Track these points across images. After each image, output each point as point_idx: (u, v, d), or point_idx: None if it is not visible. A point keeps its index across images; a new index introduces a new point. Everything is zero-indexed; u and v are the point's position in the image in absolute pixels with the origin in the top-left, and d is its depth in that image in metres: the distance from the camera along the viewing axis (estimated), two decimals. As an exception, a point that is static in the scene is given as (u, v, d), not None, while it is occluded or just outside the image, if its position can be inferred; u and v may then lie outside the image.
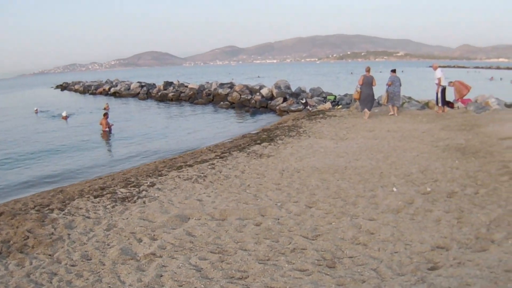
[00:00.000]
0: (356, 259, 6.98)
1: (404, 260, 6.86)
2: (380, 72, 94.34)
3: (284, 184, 11.62)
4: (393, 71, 25.73)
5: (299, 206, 9.69)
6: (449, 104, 27.12)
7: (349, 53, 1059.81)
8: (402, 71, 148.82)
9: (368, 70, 24.34)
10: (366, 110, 24.07)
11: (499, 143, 15.53)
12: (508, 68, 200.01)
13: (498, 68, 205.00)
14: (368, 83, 23.74)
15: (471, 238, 7.54)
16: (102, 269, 7.13)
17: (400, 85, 25.08)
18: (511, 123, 20.12)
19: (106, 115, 27.97)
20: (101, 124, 27.59)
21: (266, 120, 29.77)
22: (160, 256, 7.44)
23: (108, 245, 8.16)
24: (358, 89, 24.31)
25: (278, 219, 8.95)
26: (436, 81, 24.76)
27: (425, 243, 7.43)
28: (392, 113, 24.85)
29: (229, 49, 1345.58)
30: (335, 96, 32.80)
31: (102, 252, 7.83)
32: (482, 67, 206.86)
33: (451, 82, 28.45)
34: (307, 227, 8.40)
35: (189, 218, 9.30)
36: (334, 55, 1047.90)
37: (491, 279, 5.95)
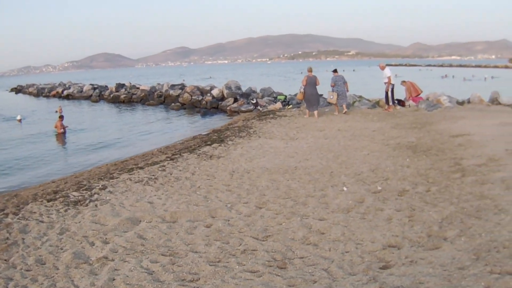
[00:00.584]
0: (307, 260, 7.00)
1: (355, 259, 6.91)
2: (327, 71, 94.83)
3: (234, 185, 11.62)
4: (335, 71, 26.15)
5: (249, 207, 9.71)
6: (401, 103, 27.56)
7: (300, 52, 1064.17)
8: (354, 70, 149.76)
9: (310, 70, 24.93)
10: (314, 112, 24.45)
11: (450, 140, 15.80)
12: (460, 66, 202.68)
13: (450, 66, 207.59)
14: (311, 83, 24.30)
15: (423, 236, 7.63)
16: (56, 274, 7.05)
17: (345, 83, 25.46)
18: (462, 121, 20.46)
19: (61, 117, 27.68)
20: (56, 127, 27.20)
21: (216, 121, 29.73)
22: (112, 260, 7.38)
23: (62, 249, 8.07)
24: (302, 90, 24.87)
25: (228, 221, 8.95)
26: (386, 80, 25.23)
27: (376, 242, 7.50)
28: (337, 113, 25.28)
29: (181, 50, 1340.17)
30: (286, 96, 32.93)
31: (56, 256, 7.74)
32: (434, 65, 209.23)
33: (403, 81, 28.92)
34: (258, 228, 8.42)
35: (140, 221, 9.26)
36: (285, 55, 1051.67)
37: (445, 277, 6.03)
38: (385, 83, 25.21)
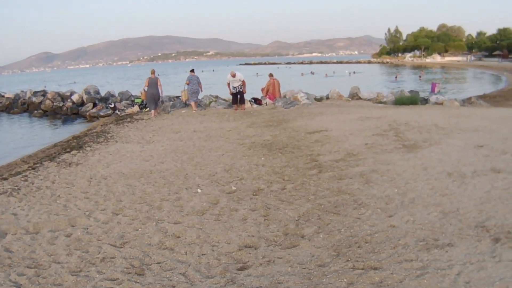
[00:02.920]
0: (164, 264, 6.88)
1: (212, 262, 6.82)
2: (186, 72, 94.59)
3: (92, 192, 11.27)
4: (192, 71, 28.24)
5: (106, 214, 9.44)
6: (257, 101, 27.90)
7: (159, 54, 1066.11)
8: (213, 70, 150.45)
9: (152, 72, 26.41)
10: (155, 110, 26.27)
11: (307, 137, 15.99)
12: (321, 63, 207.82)
13: (311, 63, 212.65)
14: (153, 84, 25.89)
15: (279, 235, 7.61)
16: None
17: (199, 83, 27.44)
18: (320, 117, 20.87)
19: None
20: None
21: (77, 127, 28.94)
22: (-18, 276, 7.07)
23: None
24: (144, 90, 26.87)
25: (87, 229, 8.66)
26: (239, 83, 25.98)
27: (232, 243, 7.43)
28: (194, 109, 26.68)
29: (44, 55, 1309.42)
30: (143, 100, 32.84)
31: None
32: (294, 63, 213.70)
33: (271, 74, 29.40)
34: (115, 235, 8.22)
35: (6, 234, 8.84)
36: (145, 57, 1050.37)
37: (304, 275, 6.05)
38: (239, 86, 25.95)
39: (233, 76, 25.99)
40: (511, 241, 6.52)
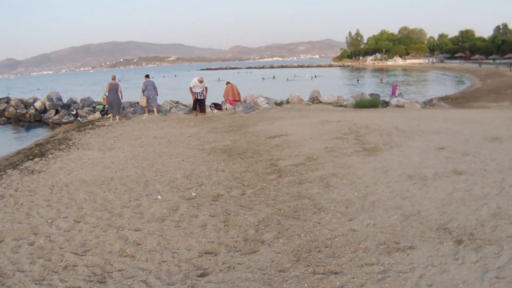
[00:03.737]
0: (125, 272, 6.76)
1: (172, 269, 6.73)
2: (153, 78, 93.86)
3: (54, 199, 11.07)
4: (147, 76, 28.05)
5: (68, 222, 9.28)
6: (218, 106, 27.93)
7: (121, 60, 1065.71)
8: (176, 76, 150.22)
9: (113, 78, 26.78)
10: (117, 116, 26.61)
11: (267, 141, 15.98)
12: (282, 67, 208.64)
13: (271, 67, 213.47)
14: (113, 90, 26.22)
15: (239, 241, 7.54)
16: None
17: (155, 88, 27.44)
18: (280, 121, 20.89)
19: None
20: None
21: (40, 134, 28.56)
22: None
23: None
24: (105, 96, 27.01)
25: (50, 237, 8.51)
26: (202, 90, 26.18)
27: (193, 249, 7.34)
28: (146, 114, 27.07)
29: (8, 62, 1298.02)
30: (104, 106, 32.60)
31: None
32: (255, 67, 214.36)
33: (228, 82, 29.40)
34: (77, 243, 8.06)
35: (-29, 243, 8.79)
36: (107, 63, 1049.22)
37: (265, 280, 5.99)
38: (201, 92, 26.15)
39: (201, 82, 26.08)
40: (474, 243, 6.50)
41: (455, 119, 19.36)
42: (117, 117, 26.54)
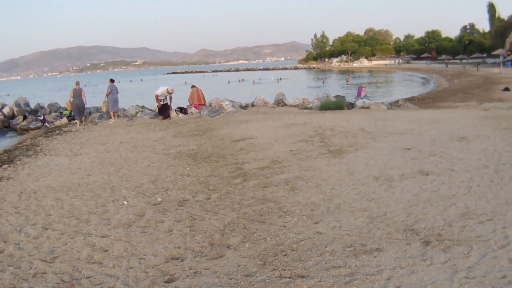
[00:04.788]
0: (93, 279, 6.69)
1: (140, 275, 6.67)
2: (119, 82, 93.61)
3: (23, 206, 10.93)
4: (111, 80, 28.42)
5: (36, 229, 9.17)
6: (183, 110, 27.90)
7: (88, 65, 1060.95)
8: (142, 80, 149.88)
9: (77, 84, 27.44)
10: (81, 119, 27.08)
11: (232, 145, 15.95)
12: (248, 70, 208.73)
13: (237, 70, 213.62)
14: (77, 95, 26.72)
15: (205, 246, 7.49)
16: None
17: (117, 92, 27.90)
18: (245, 125, 20.88)
19: None
20: None
21: (8, 140, 28.23)
22: None
23: None
24: (69, 102, 28.09)
25: (19, 244, 8.40)
26: (165, 97, 26.49)
27: (159, 255, 7.28)
28: (112, 120, 27.06)
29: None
30: (71, 111, 32.40)
31: None
32: (220, 70, 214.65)
33: (193, 86, 29.43)
34: (45, 250, 7.97)
35: None
36: (75, 68, 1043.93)
37: (231, 285, 5.96)
38: (164, 99, 26.44)
39: (170, 93, 26.39)
40: (442, 244, 6.53)
41: (421, 119, 19.52)
42: (82, 121, 26.92)
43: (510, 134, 15.22)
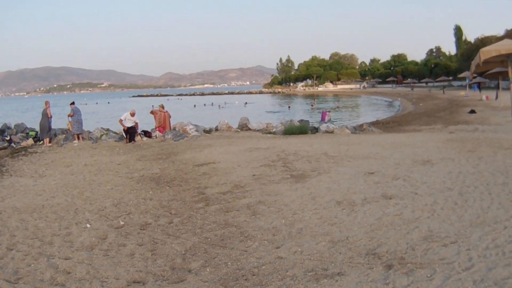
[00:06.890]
0: (57, 301, 6.60)
1: (101, 298, 6.59)
2: (86, 104, 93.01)
3: (-13, 227, 10.94)
4: (72, 103, 28.82)
5: (1, 249, 9.05)
6: (147, 134, 27.90)
7: (55, 86, 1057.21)
8: (109, 103, 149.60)
9: (46, 103, 28.02)
10: (45, 139, 27.14)
11: (195, 169, 15.94)
12: (213, 94, 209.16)
13: (202, 94, 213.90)
14: (44, 114, 27.02)
15: (166, 270, 7.43)
16: None
17: (81, 114, 28.27)
18: (208, 149, 20.87)
19: None
20: None
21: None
22: None
23: None
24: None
25: (-16, 265, 8.38)
26: (132, 123, 26.87)
27: (121, 278, 7.20)
28: (77, 142, 27.05)
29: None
30: (37, 132, 32.26)
31: None
32: (186, 94, 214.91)
33: (161, 106, 29.52)
34: (9, 271, 7.86)
35: None
36: (42, 89, 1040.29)
37: None
38: (132, 122, 26.77)
39: (132, 115, 26.62)
40: (404, 267, 6.54)
41: (385, 143, 19.69)
42: (46, 140, 27.02)
43: (475, 156, 15.41)
